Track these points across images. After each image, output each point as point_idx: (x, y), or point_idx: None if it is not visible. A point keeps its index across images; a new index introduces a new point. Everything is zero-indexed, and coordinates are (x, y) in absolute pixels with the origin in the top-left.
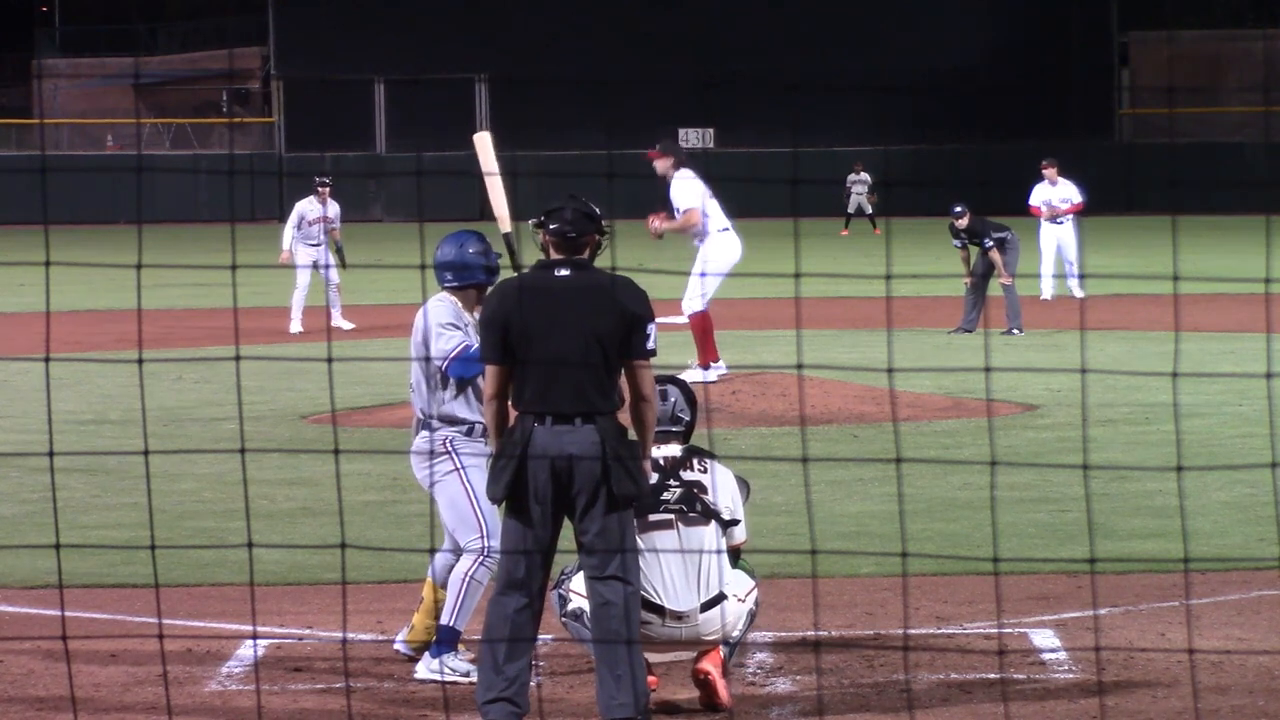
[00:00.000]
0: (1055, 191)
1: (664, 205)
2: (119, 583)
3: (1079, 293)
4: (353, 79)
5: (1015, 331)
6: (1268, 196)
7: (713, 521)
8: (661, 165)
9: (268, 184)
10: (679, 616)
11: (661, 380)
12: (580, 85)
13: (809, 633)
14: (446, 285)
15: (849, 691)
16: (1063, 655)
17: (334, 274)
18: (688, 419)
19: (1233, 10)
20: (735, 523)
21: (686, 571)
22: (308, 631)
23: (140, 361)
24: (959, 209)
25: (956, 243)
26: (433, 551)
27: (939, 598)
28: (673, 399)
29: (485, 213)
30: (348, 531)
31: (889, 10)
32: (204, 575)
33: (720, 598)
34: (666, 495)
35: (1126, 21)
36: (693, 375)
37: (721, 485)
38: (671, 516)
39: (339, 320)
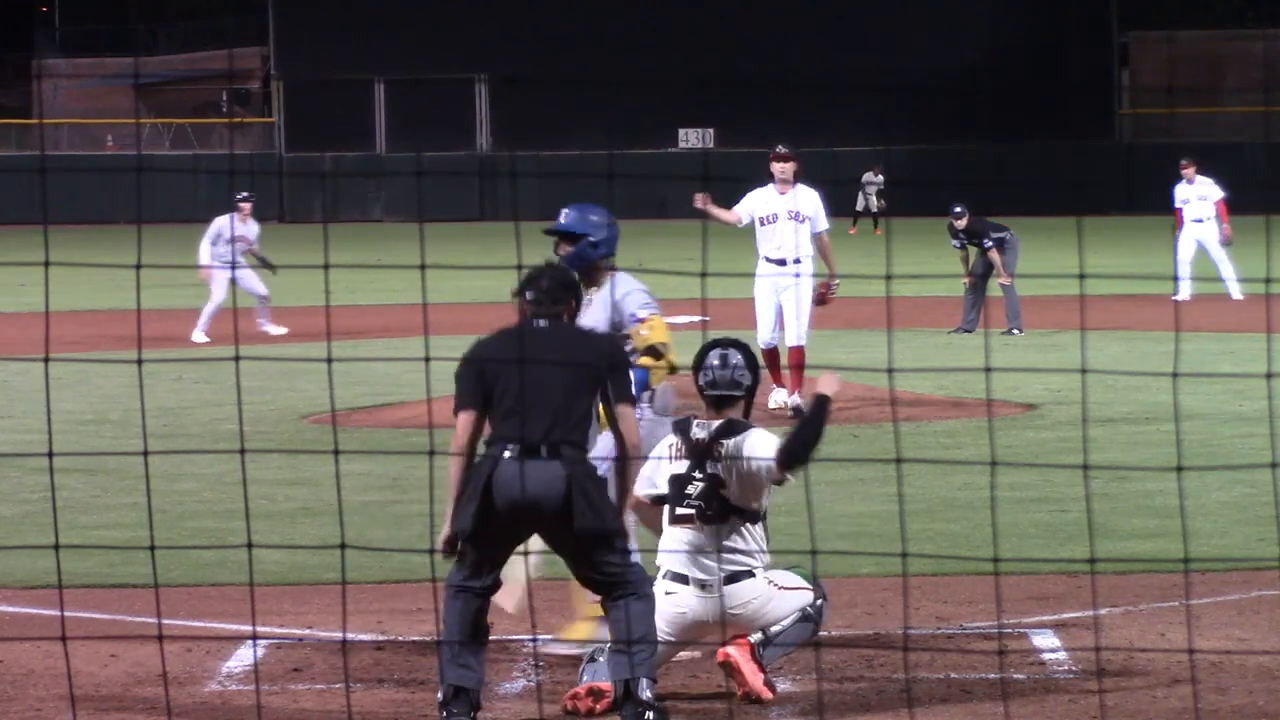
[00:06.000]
0: (1193, 190)
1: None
2: (119, 583)
3: (1236, 294)
4: (353, 79)
5: (1015, 331)
6: (1268, 196)
7: (731, 517)
8: (789, 169)
9: (268, 184)
10: (703, 585)
11: (724, 344)
12: (580, 85)
13: None
14: (606, 256)
15: (849, 691)
16: (1063, 655)
17: (259, 286)
18: (748, 383)
19: (1233, 10)
20: (761, 515)
21: (707, 552)
22: (308, 631)
23: (140, 361)
24: (959, 209)
25: (955, 243)
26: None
27: (939, 598)
28: (734, 361)
29: (485, 213)
30: (348, 531)
31: (890, 10)
32: (204, 575)
33: (747, 574)
34: (690, 489)
35: (1126, 21)
36: (782, 398)
37: (749, 463)
38: (692, 513)
39: (268, 327)
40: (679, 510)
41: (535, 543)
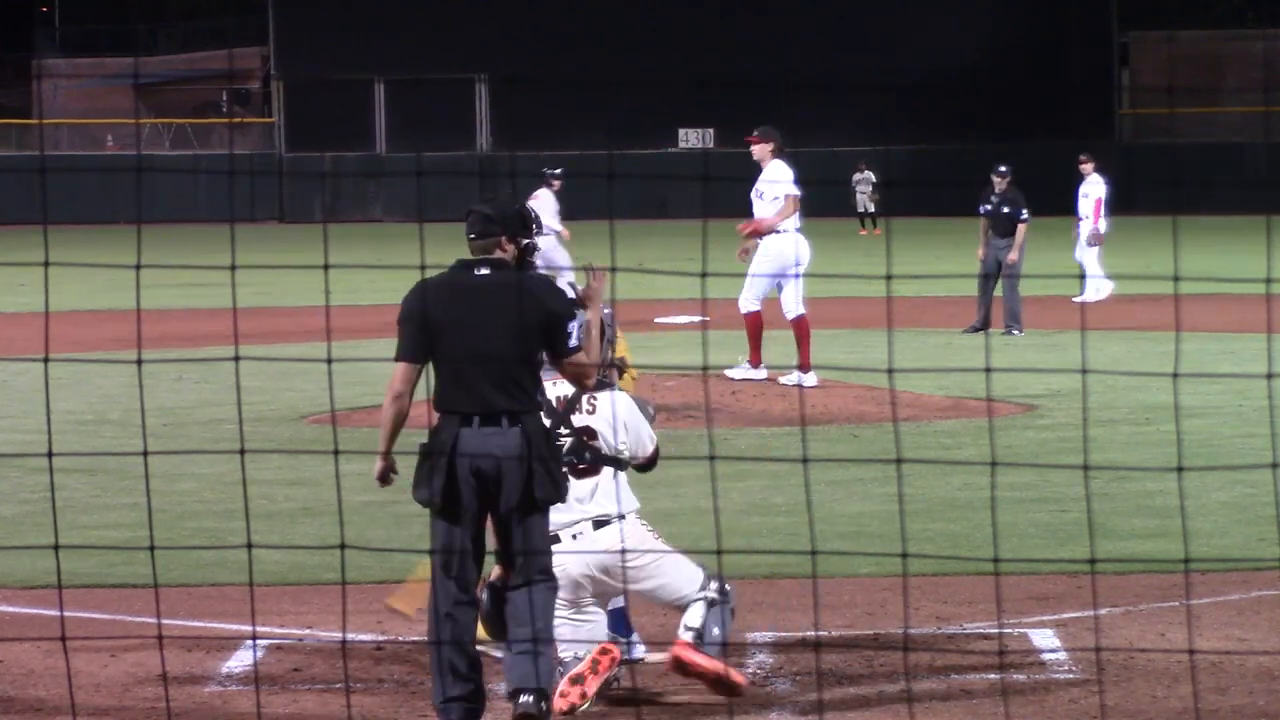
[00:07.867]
0: (1082, 187)
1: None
2: (118, 583)
3: (1086, 295)
4: (353, 79)
5: (1015, 332)
6: (1268, 196)
7: (604, 469)
8: (760, 150)
9: (268, 184)
10: (574, 537)
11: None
12: (580, 85)
13: (809, 633)
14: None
15: (849, 691)
16: (1063, 655)
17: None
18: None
19: (1233, 10)
20: (631, 460)
21: (569, 509)
22: (308, 631)
23: (140, 361)
24: (1003, 169)
25: (985, 207)
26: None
27: (939, 598)
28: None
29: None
30: (348, 531)
31: (889, 10)
32: (204, 575)
33: (618, 517)
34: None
35: (1126, 21)
36: (742, 373)
37: (618, 420)
38: (564, 469)
39: None
40: None
41: None
